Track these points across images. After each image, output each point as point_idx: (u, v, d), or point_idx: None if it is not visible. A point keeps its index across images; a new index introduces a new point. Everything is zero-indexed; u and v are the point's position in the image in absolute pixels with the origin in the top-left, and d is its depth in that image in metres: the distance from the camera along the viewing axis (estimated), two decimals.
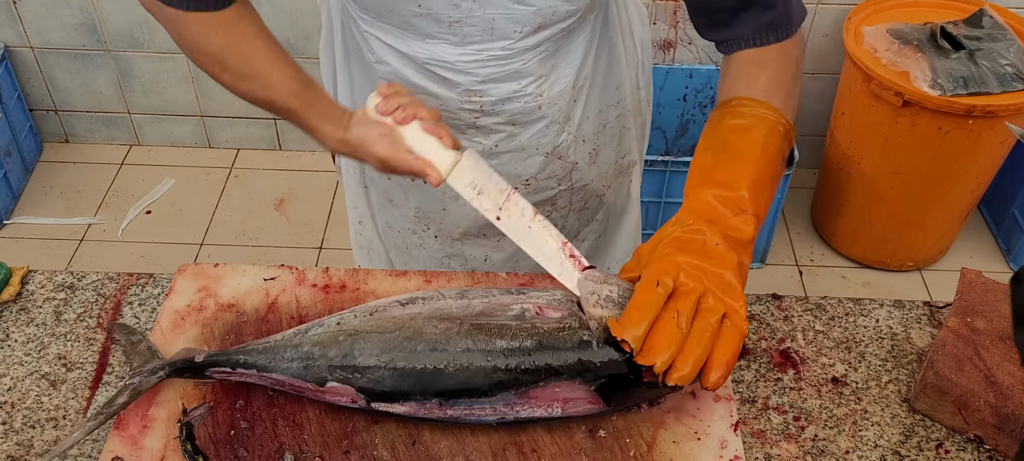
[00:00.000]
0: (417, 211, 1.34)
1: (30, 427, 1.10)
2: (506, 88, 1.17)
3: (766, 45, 1.10)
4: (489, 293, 1.05)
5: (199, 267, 1.19)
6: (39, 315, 1.23)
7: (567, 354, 0.97)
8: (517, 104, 1.19)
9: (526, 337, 0.97)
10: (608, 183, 1.40)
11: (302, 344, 1.01)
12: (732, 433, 1.01)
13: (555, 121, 1.24)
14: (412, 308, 1.03)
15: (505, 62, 1.14)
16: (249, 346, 1.03)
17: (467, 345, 0.98)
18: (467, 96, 1.17)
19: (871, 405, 1.13)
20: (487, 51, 1.13)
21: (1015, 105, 2.24)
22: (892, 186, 2.53)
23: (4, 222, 2.84)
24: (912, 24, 2.46)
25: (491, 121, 1.21)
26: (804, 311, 1.25)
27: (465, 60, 1.13)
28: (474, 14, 1.08)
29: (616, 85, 1.30)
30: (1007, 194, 2.78)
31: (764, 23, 1.10)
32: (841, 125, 2.60)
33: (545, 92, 1.19)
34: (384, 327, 1.01)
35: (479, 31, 1.10)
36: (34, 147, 3.06)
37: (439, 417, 0.99)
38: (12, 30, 2.86)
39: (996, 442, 1.08)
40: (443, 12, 1.08)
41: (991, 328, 1.14)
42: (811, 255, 2.82)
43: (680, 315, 0.90)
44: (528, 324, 0.99)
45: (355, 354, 0.99)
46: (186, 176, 3.04)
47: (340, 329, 1.02)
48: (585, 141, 1.30)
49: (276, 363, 1.01)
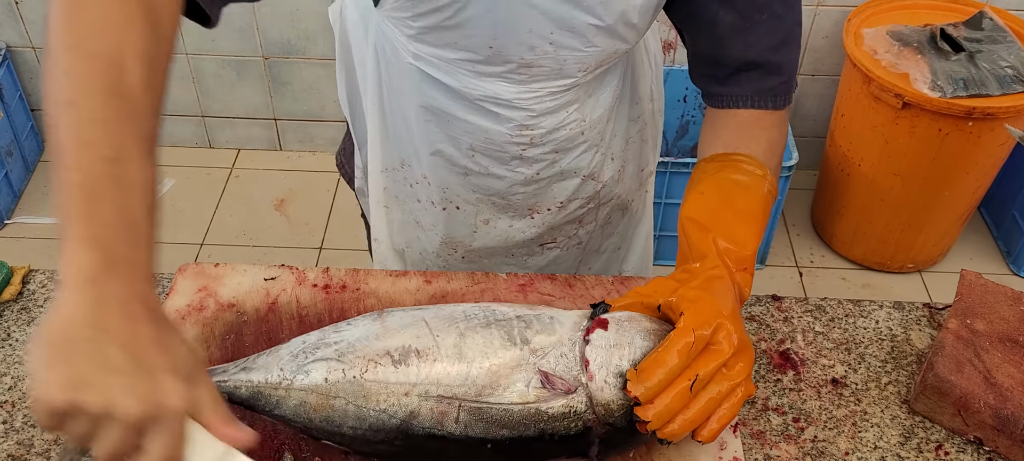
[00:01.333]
0: (445, 237, 1.32)
1: (31, 426, 1.10)
2: (556, 118, 1.15)
3: (763, 110, 1.09)
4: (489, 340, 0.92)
5: (199, 267, 1.19)
6: (40, 314, 1.24)
7: (570, 438, 0.91)
8: (563, 132, 1.18)
9: (529, 426, 0.90)
10: (631, 197, 1.40)
11: (288, 399, 0.91)
12: (731, 434, 1.01)
13: (594, 144, 1.23)
14: (404, 371, 0.90)
15: (560, 95, 1.13)
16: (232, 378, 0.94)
17: (466, 432, 0.90)
18: (520, 131, 1.15)
19: (871, 406, 1.14)
20: (548, 88, 1.11)
21: (1015, 107, 2.25)
22: (892, 188, 2.53)
23: (5, 221, 2.84)
24: (912, 26, 2.47)
25: (537, 152, 1.19)
26: (804, 312, 1.25)
27: (523, 97, 1.11)
28: (548, 57, 1.06)
29: (635, 100, 1.30)
30: (1007, 196, 2.78)
31: (764, 88, 1.08)
32: (841, 127, 2.60)
33: (587, 116, 1.18)
34: (377, 401, 0.90)
35: (547, 72, 1.08)
36: (36, 147, 3.07)
37: None
38: (14, 30, 2.86)
39: (996, 444, 1.08)
40: (515, 53, 1.05)
41: (991, 330, 1.15)
42: (811, 256, 2.82)
43: (697, 380, 0.87)
44: (532, 410, 0.90)
45: (345, 432, 0.91)
46: (186, 176, 3.05)
47: (329, 390, 0.90)
48: (614, 159, 1.29)
49: (265, 407, 0.93)
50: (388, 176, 1.30)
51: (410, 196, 1.30)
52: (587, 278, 1.19)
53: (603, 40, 1.07)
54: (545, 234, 1.33)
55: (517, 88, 1.10)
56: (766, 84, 1.09)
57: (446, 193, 1.25)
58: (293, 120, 3.07)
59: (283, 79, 2.96)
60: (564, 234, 1.35)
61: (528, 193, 1.25)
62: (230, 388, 0.94)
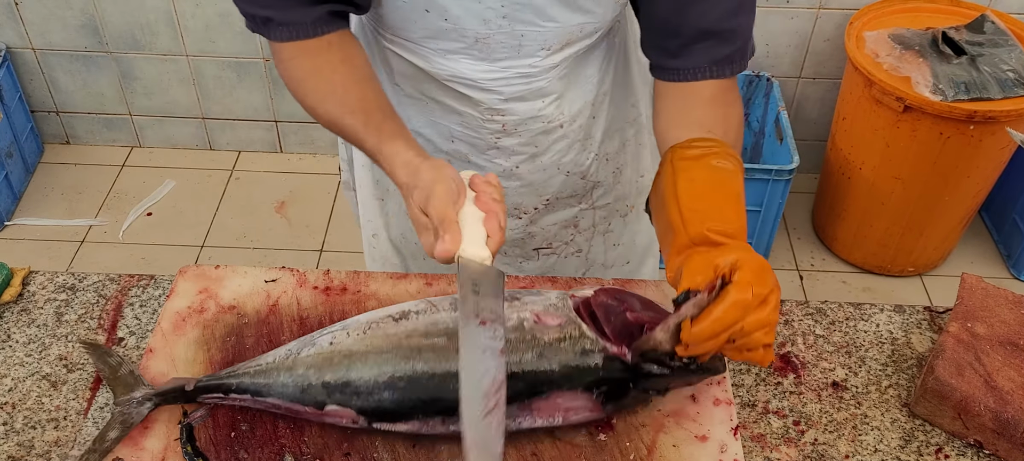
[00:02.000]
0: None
1: (31, 428, 1.10)
2: (529, 107, 1.15)
3: (721, 79, 1.07)
4: None
5: (200, 269, 1.19)
6: (40, 316, 1.24)
7: (569, 364, 0.97)
8: (538, 124, 1.18)
9: (527, 350, 0.97)
10: (631, 203, 1.39)
11: (296, 367, 1.00)
12: (732, 437, 1.01)
13: (576, 140, 1.22)
14: (406, 323, 1.01)
15: (530, 80, 1.13)
16: (240, 370, 1.02)
17: None
18: (490, 114, 1.16)
19: (871, 410, 1.13)
20: (513, 69, 1.11)
21: (1016, 111, 2.25)
22: (893, 191, 2.53)
23: (5, 223, 2.84)
24: (914, 29, 2.46)
25: (513, 142, 1.19)
26: (804, 316, 1.25)
27: (489, 78, 1.12)
28: (503, 31, 1.07)
29: (632, 102, 1.29)
30: (1008, 200, 2.78)
31: (720, 57, 1.06)
32: (842, 130, 2.60)
33: (565, 110, 1.18)
34: (380, 346, 0.99)
35: (506, 48, 1.09)
36: (35, 148, 3.07)
37: (442, 433, 0.98)
38: (14, 31, 2.86)
39: (996, 447, 1.08)
40: (470, 27, 1.06)
41: (991, 333, 1.14)
42: (812, 260, 2.82)
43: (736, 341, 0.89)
44: (528, 336, 0.98)
45: (352, 377, 0.98)
46: (187, 178, 3.05)
47: (334, 350, 1.00)
48: (608, 160, 1.29)
49: (271, 388, 1.00)
50: (377, 168, 1.31)
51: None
52: (587, 279, 1.19)
53: (561, 13, 1.06)
54: (538, 235, 1.33)
55: (481, 66, 1.10)
56: (722, 52, 1.06)
57: None
58: (294, 122, 3.07)
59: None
60: (560, 239, 1.34)
61: (510, 188, 1.25)
62: (237, 376, 1.01)
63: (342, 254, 2.79)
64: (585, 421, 1.00)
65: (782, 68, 2.82)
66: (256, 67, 2.92)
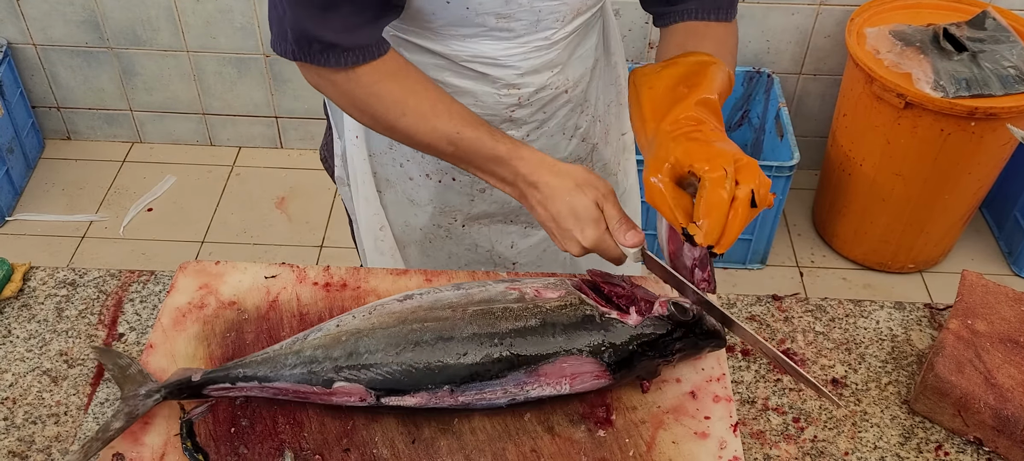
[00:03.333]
0: (441, 207, 1.35)
1: (32, 423, 1.10)
2: (541, 78, 1.20)
3: (710, 21, 1.15)
4: (484, 284, 1.07)
5: (200, 265, 1.19)
6: (41, 311, 1.24)
7: (572, 328, 1.00)
8: (548, 92, 1.22)
9: (531, 317, 1.01)
10: (618, 162, 1.44)
11: (303, 350, 1.02)
12: (731, 434, 1.01)
13: (578, 104, 1.28)
14: (410, 302, 1.05)
15: (544, 52, 1.17)
16: (247, 359, 1.03)
17: (473, 330, 1.00)
18: (507, 89, 1.19)
19: (871, 406, 1.13)
20: (531, 43, 1.15)
21: (1018, 107, 2.24)
22: (894, 188, 2.53)
23: (6, 219, 2.85)
24: (915, 26, 2.46)
25: (525, 113, 1.23)
26: (804, 312, 1.25)
27: (508, 54, 1.15)
28: (522, 8, 1.11)
29: (613, 64, 1.35)
30: (1009, 196, 2.78)
31: (709, 3, 1.15)
32: (843, 126, 2.60)
33: (570, 76, 1.23)
34: (386, 322, 1.02)
35: (525, 24, 1.13)
36: (36, 144, 3.07)
37: (450, 405, 1.00)
38: (15, 27, 2.86)
39: (996, 444, 1.08)
40: (492, 9, 1.10)
41: (992, 331, 1.14)
42: (812, 256, 2.82)
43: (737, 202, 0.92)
44: (530, 305, 1.02)
45: (361, 351, 1.00)
46: (188, 174, 3.05)
47: (341, 330, 1.02)
48: (599, 121, 1.35)
49: (278, 372, 1.01)
50: (376, 160, 1.32)
51: (401, 176, 1.32)
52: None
53: None
54: None
55: (502, 44, 1.14)
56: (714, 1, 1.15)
57: (442, 164, 1.28)
58: (294, 118, 3.07)
59: (284, 77, 2.96)
60: None
61: None
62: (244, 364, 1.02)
63: (342, 250, 2.79)
64: (592, 388, 1.02)
65: (783, 64, 2.82)
66: (257, 63, 2.92)
